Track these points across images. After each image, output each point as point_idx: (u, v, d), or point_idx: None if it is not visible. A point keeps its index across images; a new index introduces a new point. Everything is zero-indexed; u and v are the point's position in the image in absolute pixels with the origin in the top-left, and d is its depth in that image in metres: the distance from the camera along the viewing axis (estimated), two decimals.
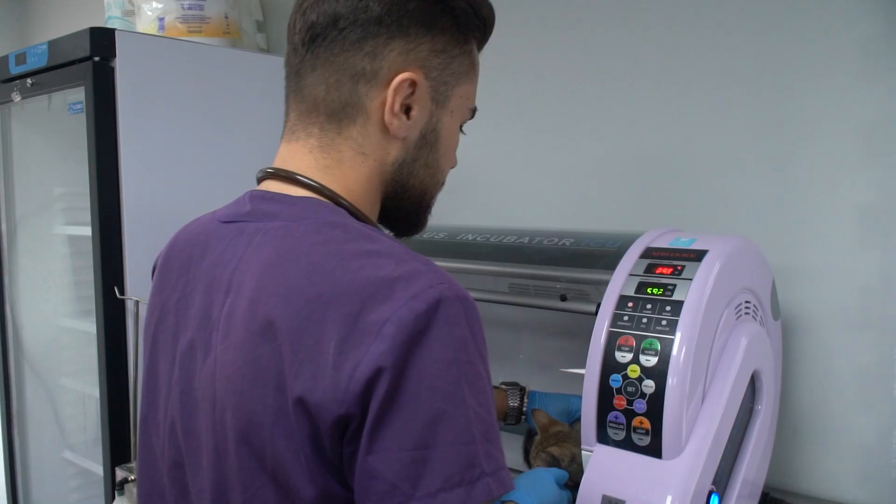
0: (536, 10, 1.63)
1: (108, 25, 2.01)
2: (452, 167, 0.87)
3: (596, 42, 1.54)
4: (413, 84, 0.74)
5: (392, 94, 0.74)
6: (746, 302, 1.07)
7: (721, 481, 0.99)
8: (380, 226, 0.82)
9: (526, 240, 1.22)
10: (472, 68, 0.81)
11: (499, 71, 1.70)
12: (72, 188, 2.04)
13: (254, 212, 0.75)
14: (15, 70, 1.86)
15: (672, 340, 0.92)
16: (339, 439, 0.62)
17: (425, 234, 1.37)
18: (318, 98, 0.75)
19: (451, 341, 0.62)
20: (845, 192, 1.25)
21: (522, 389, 1.17)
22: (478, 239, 1.28)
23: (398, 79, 0.73)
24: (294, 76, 0.77)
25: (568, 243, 1.17)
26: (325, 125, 0.75)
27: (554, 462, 1.04)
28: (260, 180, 0.79)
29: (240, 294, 0.69)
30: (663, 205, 1.47)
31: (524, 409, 1.15)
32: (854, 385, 1.27)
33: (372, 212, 0.79)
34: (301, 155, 0.76)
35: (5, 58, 1.89)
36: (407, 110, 0.75)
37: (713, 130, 1.40)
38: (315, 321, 0.63)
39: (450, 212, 1.81)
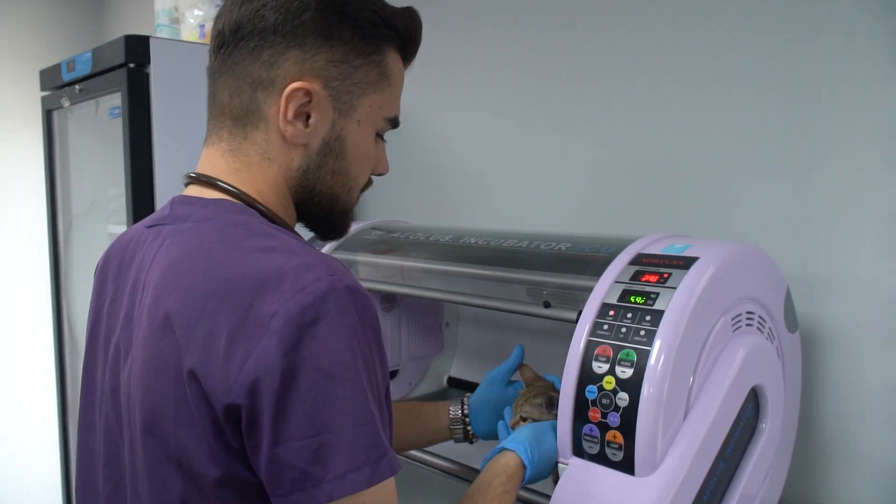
0: (537, 11, 1.59)
1: (157, 33, 2.09)
2: (382, 173, 0.88)
3: (605, 43, 1.49)
4: (308, 93, 0.75)
5: (284, 103, 0.75)
6: (749, 313, 1.01)
7: (712, 501, 0.94)
8: (294, 228, 0.84)
9: (524, 244, 1.19)
10: (384, 78, 0.81)
11: (504, 72, 1.68)
12: (123, 189, 2.12)
13: (171, 215, 0.78)
14: (66, 77, 1.95)
15: (649, 352, 0.87)
16: (235, 428, 0.64)
17: (431, 237, 1.36)
18: (224, 103, 0.78)
19: (342, 329, 0.64)
20: (870, 196, 1.17)
21: (462, 402, 1.15)
22: (479, 242, 1.25)
23: (289, 88, 0.75)
24: (209, 82, 0.80)
25: (564, 248, 1.13)
26: (233, 129, 0.78)
27: (551, 404, 1.02)
28: (186, 185, 0.81)
29: (146, 293, 0.72)
30: (677, 209, 1.41)
31: (467, 418, 1.13)
32: (883, 404, 1.18)
33: (286, 214, 0.81)
34: (215, 159, 0.79)
35: (58, 66, 1.99)
36: (307, 118, 0.77)
37: (730, 133, 1.33)
38: (209, 314, 0.65)
39: (457, 213, 1.81)
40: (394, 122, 0.85)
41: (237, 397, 0.62)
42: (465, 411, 1.13)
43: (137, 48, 1.67)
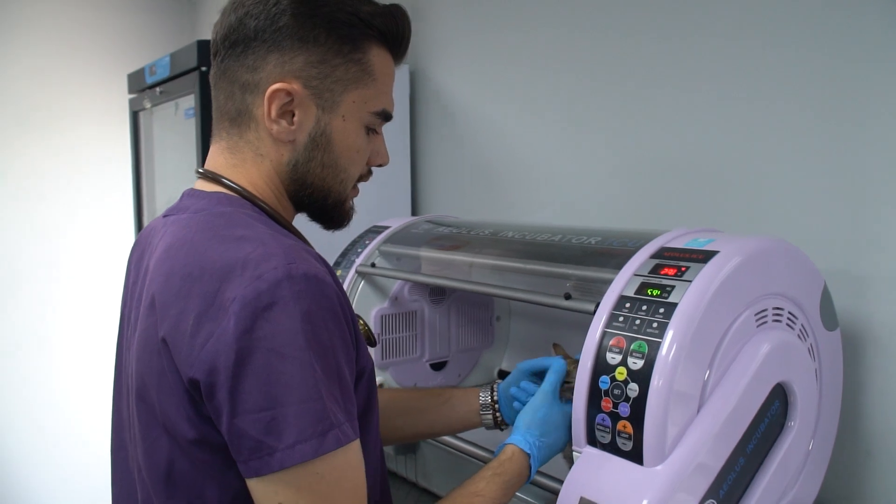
0: (584, 13, 1.59)
1: None
2: (381, 164, 0.93)
3: (649, 42, 1.48)
4: (289, 93, 0.81)
5: (267, 103, 0.81)
6: (777, 308, 1.00)
7: (731, 495, 0.94)
8: (291, 219, 0.90)
9: (557, 238, 1.21)
10: (366, 74, 0.85)
11: (554, 71, 1.69)
12: None
13: (178, 206, 0.86)
14: (149, 80, 2.09)
15: (660, 343, 0.88)
16: (200, 398, 0.71)
17: (472, 231, 1.39)
18: (222, 106, 0.86)
19: (295, 314, 0.69)
20: None
21: (493, 388, 1.17)
22: (515, 236, 1.28)
23: (270, 89, 0.81)
24: (212, 86, 0.88)
25: (593, 241, 1.14)
26: (230, 130, 0.85)
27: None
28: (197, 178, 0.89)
29: (146, 277, 0.81)
30: (718, 205, 1.39)
31: (496, 404, 1.14)
32: None
33: (280, 206, 0.87)
34: (217, 155, 0.87)
35: (142, 69, 2.13)
36: (293, 116, 0.82)
37: (771, 127, 1.30)
38: (183, 295, 0.72)
39: (509, 207, 1.84)
40: (383, 116, 0.89)
41: (197, 372, 0.69)
42: (495, 397, 1.15)
43: (209, 52, 1.77)
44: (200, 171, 0.88)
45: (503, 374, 1.70)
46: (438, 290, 1.57)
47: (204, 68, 1.77)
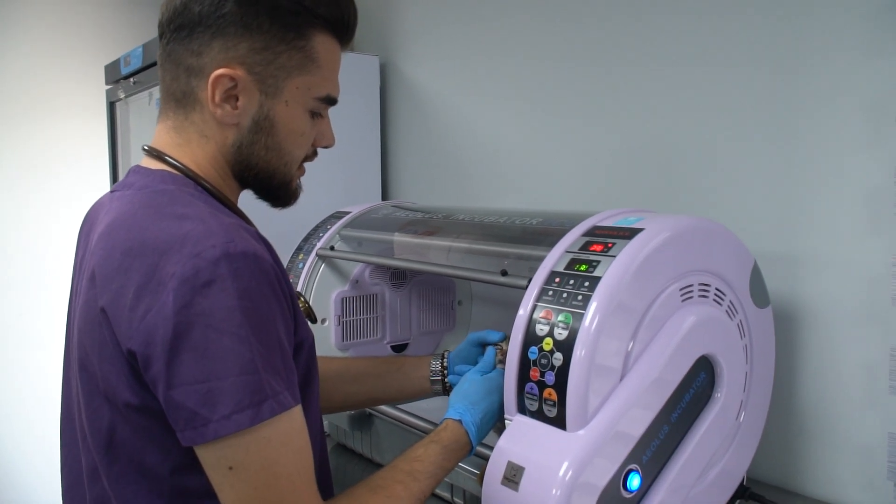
0: (535, 1, 1.64)
1: None
2: (328, 146, 0.96)
3: (613, 32, 1.53)
4: (232, 79, 0.84)
5: (211, 88, 0.84)
6: (704, 284, 1.04)
7: (654, 462, 0.98)
8: (234, 198, 0.93)
9: (503, 220, 1.25)
10: (310, 61, 0.87)
11: (520, 59, 1.74)
12: None
13: (123, 183, 0.89)
14: (124, 70, 2.13)
15: (583, 315, 0.92)
16: (138, 368, 0.74)
17: (427, 215, 1.44)
18: (168, 87, 0.88)
19: (234, 291, 0.72)
20: (851, 174, 1.18)
21: (443, 356, 1.23)
22: (465, 219, 1.33)
23: (214, 74, 0.83)
24: (158, 66, 0.90)
25: (534, 222, 1.19)
26: (177, 110, 0.88)
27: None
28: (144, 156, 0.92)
29: (88, 251, 0.84)
30: (661, 189, 1.44)
31: (445, 370, 1.21)
32: (860, 383, 1.19)
33: (224, 185, 0.90)
34: (163, 134, 0.90)
35: (118, 60, 2.17)
36: (236, 100, 0.85)
37: (713, 113, 1.35)
38: (123, 270, 0.75)
39: (476, 193, 1.88)
40: (328, 101, 0.92)
41: (135, 344, 0.72)
42: (445, 364, 1.21)
43: None
44: (146, 147, 0.91)
45: None
46: (400, 274, 1.61)
47: None
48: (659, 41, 1.45)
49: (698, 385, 1.03)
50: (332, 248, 1.49)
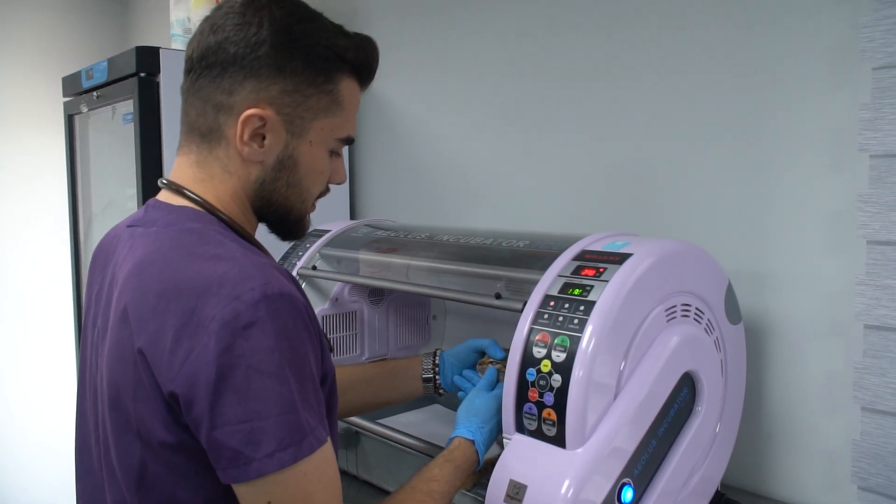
0: (523, 18, 1.69)
1: (172, 43, 2.22)
2: (339, 183, 0.99)
3: (584, 50, 1.58)
4: (262, 118, 0.86)
5: (241, 127, 0.86)
6: (685, 305, 1.10)
7: (644, 475, 1.04)
8: (253, 233, 0.95)
9: (489, 241, 1.29)
10: (335, 104, 0.91)
11: (490, 76, 1.78)
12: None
13: (144, 218, 0.90)
14: (85, 84, 2.09)
15: (580, 338, 0.97)
16: (179, 409, 0.75)
17: (410, 234, 1.47)
18: (193, 121, 0.89)
19: (272, 332, 0.74)
20: (813, 198, 1.26)
21: (434, 354, 1.29)
22: (450, 240, 1.36)
23: (245, 114, 0.85)
24: (182, 99, 0.91)
25: (522, 245, 1.24)
26: (200, 144, 0.89)
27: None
28: (160, 189, 0.93)
29: (117, 288, 0.84)
30: (639, 209, 1.51)
31: (437, 370, 1.27)
32: (822, 392, 1.27)
33: (245, 220, 0.92)
34: (185, 168, 0.90)
35: (79, 73, 2.13)
36: (263, 139, 0.87)
37: (687, 139, 1.42)
38: (160, 311, 0.76)
39: (447, 211, 1.92)
40: (346, 141, 0.96)
41: (177, 387, 0.74)
42: (436, 362, 1.27)
43: (148, 58, 1.80)
44: (165, 181, 0.91)
45: None
46: (377, 292, 1.64)
47: (143, 74, 1.80)
48: (631, 65, 1.51)
49: (681, 400, 1.09)
50: (314, 268, 1.50)
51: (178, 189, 0.89)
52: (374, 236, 1.54)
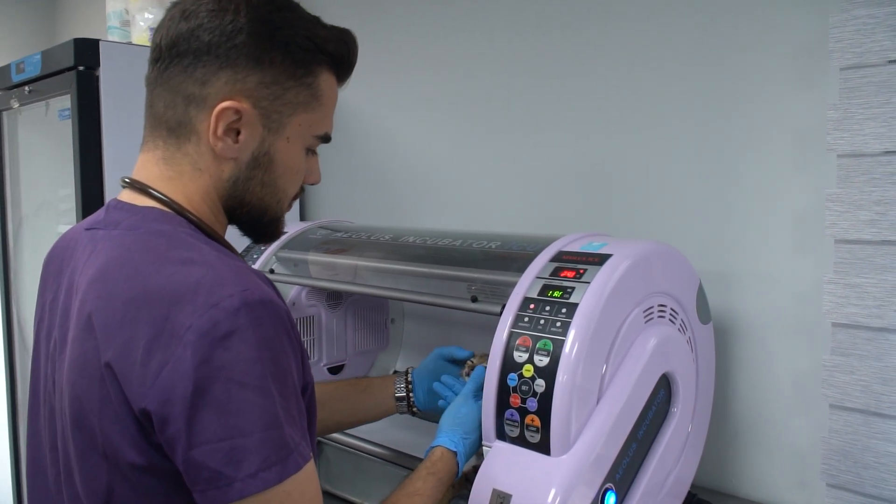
0: (483, 14, 1.66)
1: (109, 35, 2.11)
2: (314, 183, 0.93)
3: (547, 48, 1.57)
4: (238, 112, 0.80)
5: (214, 120, 0.79)
6: (661, 305, 1.09)
7: (625, 479, 1.02)
8: (224, 235, 0.88)
9: (458, 242, 1.26)
10: (314, 99, 0.85)
11: (449, 75, 1.75)
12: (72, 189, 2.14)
13: (105, 220, 0.82)
14: (16, 78, 1.97)
15: (563, 341, 0.95)
16: (152, 428, 0.69)
17: (372, 236, 1.42)
18: (160, 114, 0.82)
19: (253, 342, 0.68)
20: (780, 198, 1.26)
21: (406, 373, 1.25)
22: (416, 241, 1.32)
23: (220, 107, 0.79)
24: (147, 90, 0.84)
25: (494, 246, 1.20)
26: (167, 139, 0.82)
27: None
28: (122, 188, 0.86)
29: (77, 295, 0.77)
30: (606, 209, 1.50)
31: (410, 392, 1.23)
32: (789, 390, 1.28)
33: (216, 221, 0.85)
34: (150, 166, 0.83)
35: (7, 67, 2.01)
36: (237, 133, 0.81)
37: (653, 139, 1.42)
38: (129, 321, 0.70)
39: (404, 212, 1.88)
40: (324, 139, 0.90)
41: (150, 403, 0.67)
42: (409, 381, 1.23)
43: (87, 51, 1.70)
44: (127, 180, 0.84)
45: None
46: (335, 295, 1.58)
47: (82, 68, 1.70)
48: (594, 63, 1.50)
49: (658, 402, 1.08)
50: (271, 272, 1.44)
51: (142, 188, 0.82)
52: (334, 238, 1.49)
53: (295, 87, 0.83)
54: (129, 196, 0.84)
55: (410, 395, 1.22)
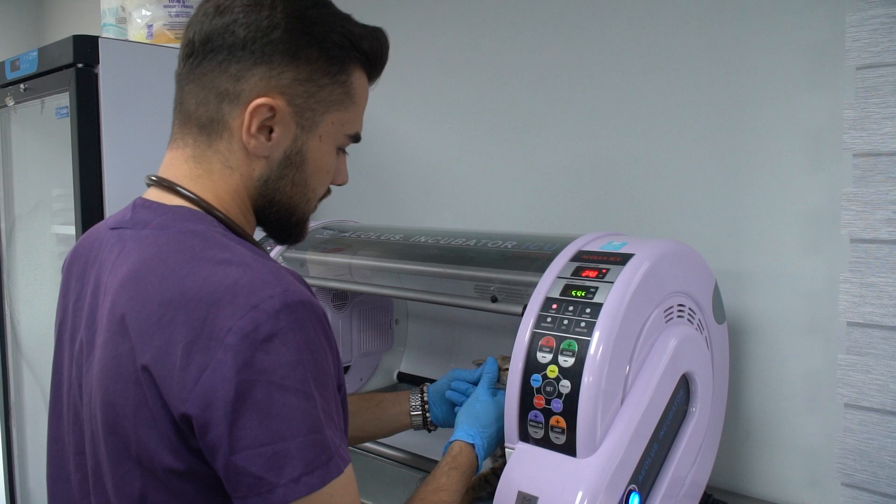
0: (489, 18, 1.65)
1: (104, 32, 2.08)
2: (342, 183, 0.92)
3: (555, 51, 1.56)
4: (272, 109, 0.78)
5: (248, 117, 0.78)
6: (680, 305, 1.09)
7: (647, 481, 1.01)
8: (252, 234, 0.87)
9: (472, 242, 1.24)
10: (348, 97, 0.84)
11: (456, 77, 1.74)
12: (68, 189, 2.10)
13: (132, 219, 0.80)
14: (10, 76, 1.93)
15: (588, 342, 0.94)
16: (192, 433, 0.67)
17: (382, 236, 1.41)
18: (191, 111, 0.81)
19: (294, 345, 0.67)
20: (793, 197, 1.26)
21: (422, 390, 1.22)
22: (428, 241, 1.31)
23: (254, 103, 0.78)
24: (178, 87, 0.82)
25: (510, 246, 1.19)
26: (198, 137, 0.81)
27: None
28: (148, 186, 0.84)
29: (107, 297, 0.75)
30: (616, 209, 1.49)
31: (426, 405, 1.20)
32: (802, 389, 1.28)
33: (245, 221, 0.84)
34: (179, 163, 0.82)
35: (1, 64, 1.97)
36: (270, 131, 0.80)
37: (664, 137, 1.42)
38: (165, 323, 0.68)
39: (409, 213, 1.86)
40: (355, 138, 0.89)
41: (191, 408, 0.65)
42: (425, 398, 1.20)
43: (86, 48, 1.67)
44: (154, 178, 0.82)
45: (402, 377, 1.72)
46: (341, 296, 1.57)
47: (80, 65, 1.66)
48: (606, 62, 1.49)
49: (678, 402, 1.08)
50: None
51: (170, 186, 0.80)
52: (343, 239, 1.47)
53: (329, 85, 0.82)
54: (155, 195, 0.82)
55: (427, 413, 1.20)
